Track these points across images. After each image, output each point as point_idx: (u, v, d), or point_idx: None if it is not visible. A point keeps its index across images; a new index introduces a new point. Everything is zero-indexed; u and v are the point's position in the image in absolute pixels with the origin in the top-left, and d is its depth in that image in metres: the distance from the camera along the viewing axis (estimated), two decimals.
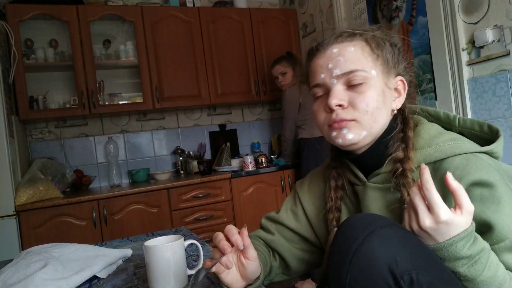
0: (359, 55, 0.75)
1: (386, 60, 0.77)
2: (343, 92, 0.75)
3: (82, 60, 2.64)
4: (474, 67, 1.84)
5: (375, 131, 0.76)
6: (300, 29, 3.33)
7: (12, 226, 2.21)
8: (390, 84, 0.77)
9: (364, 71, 0.74)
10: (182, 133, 3.24)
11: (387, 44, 0.78)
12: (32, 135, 2.83)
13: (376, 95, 0.74)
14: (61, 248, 1.06)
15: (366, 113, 0.73)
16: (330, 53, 0.76)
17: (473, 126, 0.75)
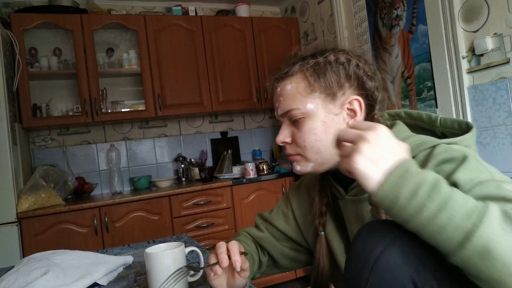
0: (294, 92, 0.77)
1: (328, 86, 0.76)
2: (288, 129, 0.80)
3: (85, 68, 2.67)
4: (474, 75, 1.85)
5: (324, 160, 0.77)
6: (301, 38, 3.35)
7: (13, 233, 2.21)
8: (336, 109, 0.76)
9: (298, 109, 0.76)
10: (184, 140, 3.25)
11: (329, 68, 0.76)
12: (35, 142, 2.84)
13: (314, 128, 0.76)
14: (62, 255, 1.06)
15: (305, 148, 0.77)
16: (276, 93, 0.81)
17: (453, 125, 0.75)
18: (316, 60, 0.77)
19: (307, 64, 0.78)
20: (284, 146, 0.82)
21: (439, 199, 0.52)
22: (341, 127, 0.76)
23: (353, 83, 0.77)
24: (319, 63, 0.77)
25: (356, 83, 0.77)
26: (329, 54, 0.78)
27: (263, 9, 3.59)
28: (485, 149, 1.82)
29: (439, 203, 0.51)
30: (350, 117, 0.77)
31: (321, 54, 0.79)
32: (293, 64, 0.80)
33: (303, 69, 0.78)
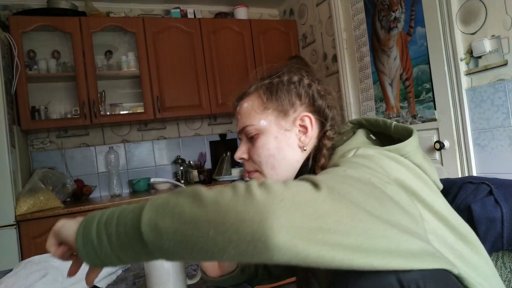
0: (249, 109, 0.82)
1: (280, 104, 0.81)
2: (245, 145, 0.84)
3: (84, 71, 2.67)
4: (472, 77, 1.86)
5: (280, 176, 0.81)
6: (300, 40, 3.36)
7: (12, 236, 2.21)
8: (288, 125, 0.81)
9: (252, 125, 0.81)
10: (183, 142, 3.25)
11: (281, 87, 0.81)
12: (33, 145, 2.84)
13: (267, 144, 0.80)
14: None
15: (260, 163, 0.81)
16: (236, 111, 0.87)
17: (403, 132, 0.76)
18: (270, 80, 0.83)
19: (262, 84, 0.84)
20: (243, 163, 0.86)
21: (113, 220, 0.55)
22: (294, 142, 0.80)
23: (304, 101, 0.82)
24: (273, 83, 0.83)
25: (307, 101, 0.82)
26: (283, 74, 0.84)
27: (261, 11, 3.60)
28: (483, 151, 1.83)
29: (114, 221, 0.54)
30: (302, 133, 0.82)
31: (276, 75, 0.85)
32: (250, 85, 0.86)
33: (258, 88, 0.83)
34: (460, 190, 0.92)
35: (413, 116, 2.21)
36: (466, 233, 0.67)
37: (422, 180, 0.67)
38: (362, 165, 0.60)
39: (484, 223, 0.81)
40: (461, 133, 1.91)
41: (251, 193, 0.48)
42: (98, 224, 0.55)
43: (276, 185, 0.49)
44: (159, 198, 0.53)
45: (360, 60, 2.61)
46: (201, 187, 0.52)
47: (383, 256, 0.47)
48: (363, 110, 2.63)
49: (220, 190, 0.51)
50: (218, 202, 0.48)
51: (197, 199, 0.50)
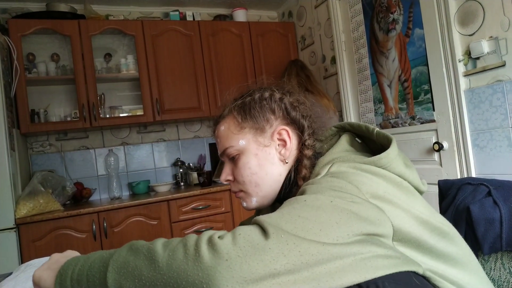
0: (227, 132, 0.83)
1: (256, 121, 0.81)
2: (229, 167, 0.85)
3: (83, 74, 2.67)
4: (470, 78, 1.86)
5: (266, 193, 0.82)
6: (298, 42, 3.37)
7: (12, 239, 2.21)
8: (266, 140, 0.81)
9: (232, 146, 0.82)
10: (182, 145, 3.26)
11: (253, 105, 0.82)
12: (33, 148, 2.84)
13: (248, 162, 0.81)
14: None
15: (244, 183, 0.81)
16: (215, 135, 0.88)
17: (384, 140, 0.76)
18: (243, 100, 0.84)
19: (235, 105, 0.85)
20: (229, 184, 0.87)
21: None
22: (274, 157, 0.81)
23: (278, 115, 0.83)
24: (245, 102, 0.84)
25: (281, 114, 0.83)
26: (254, 92, 0.85)
27: (260, 13, 3.61)
28: (482, 152, 1.83)
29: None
30: (281, 147, 0.82)
31: (247, 93, 0.86)
32: (224, 108, 0.88)
33: (231, 109, 0.85)
34: (459, 191, 0.92)
35: (411, 118, 2.22)
36: (448, 230, 0.69)
37: (402, 187, 0.69)
38: (328, 188, 0.62)
39: (483, 224, 0.81)
40: (460, 134, 1.91)
41: (199, 254, 0.51)
42: (71, 281, 0.60)
43: (224, 242, 0.52)
44: (120, 257, 0.57)
45: (358, 61, 2.62)
46: (157, 242, 0.57)
47: (343, 276, 0.51)
48: (362, 112, 2.63)
49: (173, 249, 0.54)
50: (170, 265, 0.52)
51: (152, 261, 0.54)
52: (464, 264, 0.67)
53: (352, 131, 0.83)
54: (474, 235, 0.82)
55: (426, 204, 0.70)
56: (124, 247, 0.59)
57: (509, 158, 1.72)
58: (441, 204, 0.96)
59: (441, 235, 0.66)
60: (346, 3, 2.68)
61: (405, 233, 0.61)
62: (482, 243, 0.81)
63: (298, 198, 0.61)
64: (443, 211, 0.93)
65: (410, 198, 0.67)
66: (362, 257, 0.52)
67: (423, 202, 0.70)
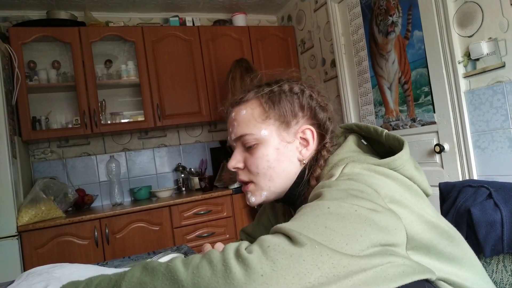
0: (249, 117, 0.78)
1: (283, 114, 0.77)
2: (241, 154, 0.80)
3: (84, 80, 2.68)
4: (470, 79, 1.86)
5: (276, 189, 0.79)
6: (298, 46, 3.37)
7: (14, 247, 2.21)
8: (290, 137, 0.78)
9: (252, 135, 0.77)
10: (184, 150, 3.26)
11: (284, 97, 0.78)
12: (34, 155, 2.85)
13: (267, 155, 0.77)
14: (62, 268, 1.06)
15: (258, 174, 0.77)
16: (230, 118, 0.82)
17: (394, 142, 0.75)
18: (271, 88, 0.79)
19: (262, 91, 0.80)
20: (237, 172, 0.82)
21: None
22: (294, 155, 0.78)
23: (306, 113, 0.80)
24: (274, 91, 0.79)
25: (309, 113, 0.80)
26: (284, 84, 0.81)
27: (259, 18, 3.62)
28: (483, 153, 1.82)
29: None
30: (303, 146, 0.79)
31: (276, 83, 0.81)
32: (248, 91, 0.82)
33: (258, 96, 0.79)
34: (460, 194, 0.92)
35: (412, 120, 2.21)
36: (454, 234, 0.69)
37: (412, 191, 0.68)
38: (349, 194, 0.59)
39: (484, 226, 0.81)
40: (461, 136, 1.90)
41: (230, 270, 0.48)
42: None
43: (254, 257, 0.48)
44: (133, 278, 0.52)
45: (358, 64, 2.62)
46: (176, 261, 0.52)
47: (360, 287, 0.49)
48: (363, 114, 2.63)
49: (196, 266, 0.50)
50: (197, 284, 0.48)
51: (174, 281, 0.49)
52: (470, 268, 0.66)
53: (359, 132, 0.82)
54: (475, 238, 0.82)
55: (433, 208, 0.69)
56: (137, 268, 0.54)
57: (511, 159, 1.71)
58: (442, 206, 0.96)
59: (449, 239, 0.65)
60: (345, 6, 2.68)
61: (417, 240, 0.60)
62: (483, 246, 0.81)
63: (319, 204, 0.58)
64: (444, 213, 0.92)
65: (419, 201, 0.66)
66: (382, 268, 0.51)
67: (430, 205, 0.69)
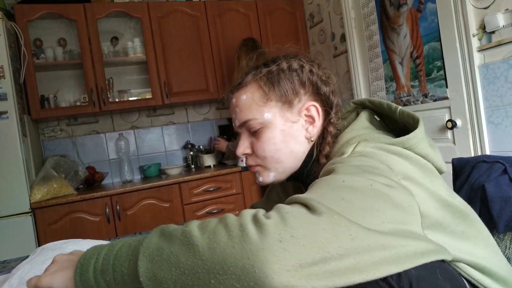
0: (250, 102, 0.76)
1: (284, 94, 0.75)
2: (248, 140, 0.79)
3: (90, 58, 2.66)
4: (485, 53, 1.81)
5: (285, 169, 0.78)
6: (307, 20, 3.30)
7: (28, 223, 2.25)
8: (294, 116, 0.76)
9: (255, 119, 0.76)
10: (192, 127, 3.26)
11: (283, 76, 0.76)
12: (44, 133, 2.87)
13: (273, 138, 0.75)
14: (74, 244, 1.08)
15: (265, 158, 0.76)
16: (232, 104, 0.80)
17: (408, 119, 0.73)
18: (269, 69, 0.77)
19: (260, 73, 0.77)
20: (245, 158, 0.81)
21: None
22: (300, 134, 0.77)
23: (308, 89, 0.77)
24: (272, 71, 0.77)
25: (311, 89, 0.78)
26: (281, 62, 0.78)
27: None
28: (497, 129, 1.79)
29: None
30: (309, 124, 0.78)
31: (273, 62, 0.78)
32: (246, 74, 0.80)
33: (257, 79, 0.77)
34: (474, 169, 0.90)
35: (424, 95, 2.17)
36: (469, 212, 0.67)
37: (426, 169, 0.66)
38: (362, 170, 0.58)
39: (498, 202, 0.80)
40: (474, 111, 1.87)
41: (246, 235, 0.46)
42: (94, 271, 0.54)
43: (272, 222, 0.47)
44: (151, 243, 0.51)
45: (369, 39, 2.56)
46: (192, 225, 0.51)
47: (380, 267, 0.47)
48: (373, 90, 2.59)
49: (212, 231, 0.49)
50: (213, 249, 0.47)
51: (190, 246, 0.48)
52: (483, 246, 0.65)
53: (372, 108, 0.80)
54: (489, 214, 0.81)
55: (447, 186, 0.68)
56: (155, 233, 0.53)
57: None
58: (455, 182, 0.95)
59: (462, 217, 0.64)
60: None
61: (430, 217, 0.59)
62: (497, 222, 0.80)
63: (334, 178, 0.56)
64: (457, 189, 0.91)
65: (433, 180, 0.65)
66: (402, 247, 0.49)
67: (444, 184, 0.68)
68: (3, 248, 2.15)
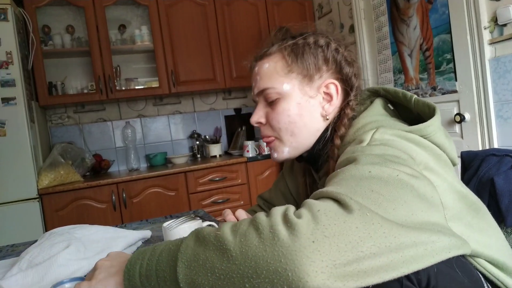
0: (272, 71, 0.77)
1: (306, 68, 0.75)
2: (264, 109, 0.80)
3: (98, 46, 2.66)
4: (496, 46, 1.78)
5: (299, 144, 0.78)
6: (315, 10, 3.27)
7: (35, 209, 2.28)
8: (312, 91, 0.76)
9: (274, 88, 0.76)
10: (198, 117, 3.26)
11: (308, 50, 0.76)
12: (52, 120, 2.89)
13: (288, 110, 0.75)
14: (82, 229, 1.09)
15: (280, 129, 0.77)
16: (254, 72, 0.81)
17: (424, 108, 0.72)
18: (295, 41, 0.77)
19: (286, 43, 0.78)
20: (260, 128, 0.82)
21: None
22: (316, 110, 0.77)
23: (331, 67, 0.77)
24: (297, 44, 0.77)
25: (334, 67, 0.77)
26: (309, 36, 0.78)
27: None
28: (506, 123, 1.77)
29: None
30: (326, 101, 0.77)
31: (301, 36, 0.78)
32: (272, 44, 0.80)
33: (281, 49, 0.78)
34: (483, 163, 0.90)
35: (433, 88, 2.15)
36: (480, 205, 0.67)
37: (441, 160, 0.66)
38: (385, 159, 0.56)
39: (507, 196, 0.79)
40: (483, 105, 1.85)
41: (278, 237, 0.45)
42: (140, 276, 0.55)
43: (304, 222, 0.45)
44: (188, 249, 0.51)
45: (378, 30, 2.53)
46: (225, 228, 0.50)
47: (410, 265, 0.46)
48: (381, 82, 2.57)
49: (244, 233, 0.48)
50: (245, 253, 0.46)
51: (224, 251, 0.48)
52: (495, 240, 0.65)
53: (386, 96, 0.79)
54: (497, 207, 0.81)
55: (459, 178, 0.68)
56: (191, 236, 0.53)
57: None
58: (463, 175, 0.94)
59: (476, 210, 0.64)
60: None
61: (450, 209, 0.59)
62: (505, 215, 0.79)
63: (358, 168, 0.54)
64: (465, 182, 0.90)
65: (447, 171, 0.64)
66: (431, 243, 0.47)
67: (457, 176, 0.67)
68: (11, 233, 2.18)
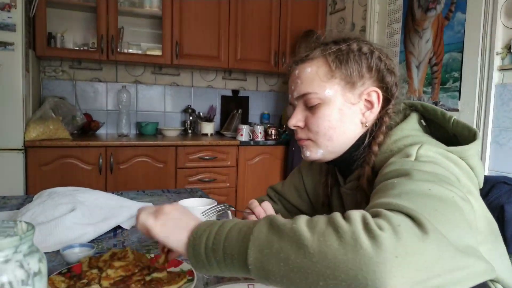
0: (314, 76, 0.76)
1: (349, 74, 0.75)
2: (302, 113, 0.79)
3: (106, 3, 2.57)
4: (505, 73, 1.82)
5: (335, 149, 0.78)
6: (328, 5, 3.24)
7: (19, 160, 2.22)
8: (354, 98, 0.76)
9: (316, 94, 0.76)
10: (195, 92, 3.21)
11: (352, 57, 0.76)
12: (45, 72, 2.79)
13: (329, 115, 0.76)
14: (84, 193, 1.07)
15: (318, 133, 0.77)
16: (293, 75, 0.80)
17: (463, 131, 0.74)
18: (339, 47, 0.77)
19: (330, 49, 0.77)
20: (295, 130, 0.82)
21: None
22: (357, 117, 0.77)
23: (373, 75, 0.77)
24: (341, 50, 0.77)
25: (376, 75, 0.78)
26: (352, 43, 0.78)
27: None
28: (501, 149, 1.83)
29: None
30: (366, 109, 0.78)
31: (344, 42, 0.78)
32: (314, 48, 0.79)
33: (325, 54, 0.77)
34: (493, 189, 0.92)
35: (434, 103, 2.19)
36: (498, 232, 0.70)
37: (474, 183, 0.67)
38: (439, 178, 0.57)
39: None
40: (481, 128, 1.90)
41: (360, 245, 0.45)
42: (205, 248, 0.56)
43: (387, 236, 0.45)
44: (261, 234, 0.52)
45: (389, 36, 2.54)
46: (300, 222, 0.51)
47: (456, 286, 0.47)
48: None
49: (322, 233, 0.48)
50: (324, 253, 0.46)
51: (300, 246, 0.48)
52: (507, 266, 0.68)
53: (422, 112, 0.80)
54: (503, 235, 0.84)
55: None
56: (264, 223, 0.53)
57: None
58: None
59: (494, 235, 0.66)
60: None
61: (481, 234, 0.60)
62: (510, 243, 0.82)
63: (417, 184, 0.54)
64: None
65: (479, 196, 0.66)
66: (473, 268, 0.49)
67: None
68: None
